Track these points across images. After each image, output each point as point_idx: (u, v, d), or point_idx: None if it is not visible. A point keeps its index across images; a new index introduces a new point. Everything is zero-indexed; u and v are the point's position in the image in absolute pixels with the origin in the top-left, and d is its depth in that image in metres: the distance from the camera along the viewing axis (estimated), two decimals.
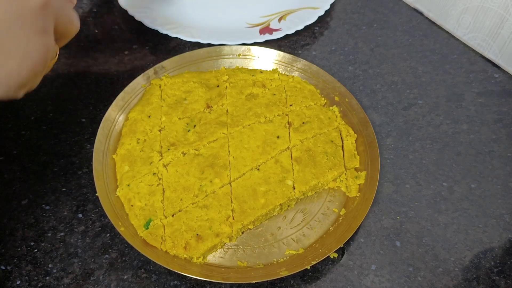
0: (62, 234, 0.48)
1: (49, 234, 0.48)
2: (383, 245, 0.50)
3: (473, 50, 0.71)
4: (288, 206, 0.51)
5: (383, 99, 0.64)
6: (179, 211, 0.48)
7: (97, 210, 0.50)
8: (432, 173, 0.56)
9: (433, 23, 0.76)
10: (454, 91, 0.66)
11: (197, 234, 0.46)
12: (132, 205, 0.48)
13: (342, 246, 0.48)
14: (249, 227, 0.49)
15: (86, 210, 0.50)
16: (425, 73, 0.68)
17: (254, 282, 0.44)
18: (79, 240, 0.48)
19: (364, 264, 0.48)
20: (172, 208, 0.48)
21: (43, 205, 0.50)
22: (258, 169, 0.51)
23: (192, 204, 0.48)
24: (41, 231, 0.48)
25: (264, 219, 0.50)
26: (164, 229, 0.47)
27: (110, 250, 0.47)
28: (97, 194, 0.47)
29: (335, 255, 0.48)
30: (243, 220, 0.48)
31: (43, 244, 0.47)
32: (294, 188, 0.51)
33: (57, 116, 0.58)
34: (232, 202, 0.49)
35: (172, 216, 0.47)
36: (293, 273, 0.44)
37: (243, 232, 0.49)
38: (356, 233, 0.50)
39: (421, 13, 0.77)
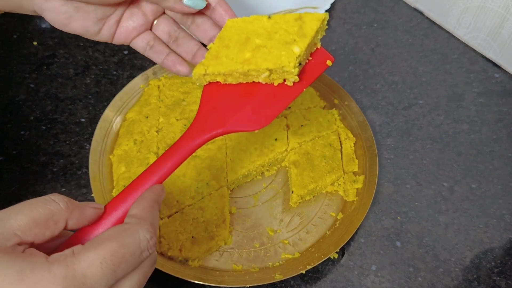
0: None
1: None
2: (383, 245, 0.50)
3: (474, 50, 0.71)
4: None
5: (384, 99, 0.64)
6: (175, 212, 0.47)
7: None
8: (433, 173, 0.56)
9: (434, 22, 0.75)
10: (455, 91, 0.66)
11: (192, 237, 0.46)
12: None
13: (341, 247, 0.47)
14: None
15: None
16: (425, 73, 0.68)
17: (248, 286, 0.43)
18: None
19: (365, 265, 0.48)
20: (167, 209, 0.47)
21: None
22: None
23: (188, 206, 0.48)
24: None
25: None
26: (159, 231, 0.46)
27: None
28: (92, 195, 0.47)
29: (335, 255, 0.48)
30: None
31: None
32: (292, 192, 0.50)
33: (56, 116, 0.58)
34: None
35: (168, 217, 0.47)
36: (287, 277, 0.43)
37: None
38: (356, 233, 0.50)
39: (421, 13, 0.77)
